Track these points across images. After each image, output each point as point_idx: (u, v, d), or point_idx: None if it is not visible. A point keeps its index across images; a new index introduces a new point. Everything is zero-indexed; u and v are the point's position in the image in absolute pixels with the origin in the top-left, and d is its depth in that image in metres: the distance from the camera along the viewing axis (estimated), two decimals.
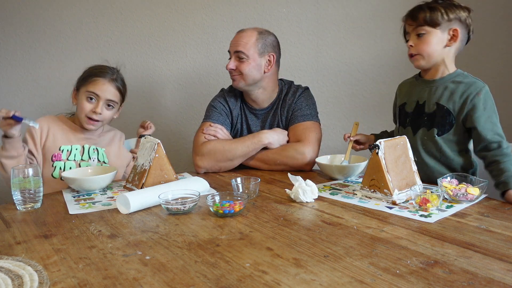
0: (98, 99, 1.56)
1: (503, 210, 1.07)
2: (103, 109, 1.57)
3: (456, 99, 1.32)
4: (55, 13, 2.20)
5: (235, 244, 0.90)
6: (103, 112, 1.57)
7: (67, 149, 1.58)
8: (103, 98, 1.56)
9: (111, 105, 1.60)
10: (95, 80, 1.56)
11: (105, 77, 1.57)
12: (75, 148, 1.59)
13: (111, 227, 1.03)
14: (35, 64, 2.24)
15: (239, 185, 1.26)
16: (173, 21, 2.27)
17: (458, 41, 1.34)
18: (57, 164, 1.55)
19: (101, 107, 1.56)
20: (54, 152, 1.56)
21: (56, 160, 1.56)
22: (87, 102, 1.56)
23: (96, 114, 1.56)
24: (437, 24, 1.31)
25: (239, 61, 1.63)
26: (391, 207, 1.12)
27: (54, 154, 1.56)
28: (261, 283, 0.73)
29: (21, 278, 0.76)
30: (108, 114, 1.60)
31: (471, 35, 1.38)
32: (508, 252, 0.82)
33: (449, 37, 1.33)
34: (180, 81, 2.31)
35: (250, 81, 1.64)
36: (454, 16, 1.32)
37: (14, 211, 1.18)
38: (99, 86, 1.56)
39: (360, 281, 0.72)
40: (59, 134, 1.59)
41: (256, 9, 2.29)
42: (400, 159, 1.21)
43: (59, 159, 1.56)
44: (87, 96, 1.56)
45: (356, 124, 1.59)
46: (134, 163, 1.42)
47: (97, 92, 1.55)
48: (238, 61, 1.64)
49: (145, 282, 0.75)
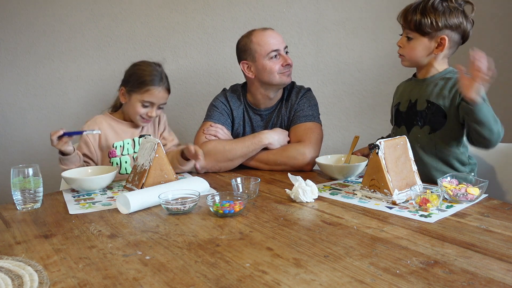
0: (153, 105, 1.64)
1: (503, 210, 1.07)
2: (157, 112, 1.67)
3: (446, 93, 1.34)
4: (55, 13, 2.20)
5: (235, 244, 0.90)
6: (157, 114, 1.68)
7: (120, 144, 1.67)
8: (157, 103, 1.65)
9: (163, 106, 1.69)
10: (149, 90, 1.61)
11: (159, 85, 1.63)
12: (126, 142, 1.68)
13: (111, 227, 1.03)
14: (35, 64, 2.24)
15: (239, 185, 1.26)
16: (173, 21, 2.27)
17: (446, 48, 1.35)
18: (113, 160, 1.65)
19: (155, 111, 1.65)
20: (109, 150, 1.66)
21: (112, 157, 1.66)
22: (142, 108, 1.64)
23: (151, 118, 1.66)
24: (425, 33, 1.33)
25: (287, 55, 1.67)
26: (391, 207, 1.12)
27: (110, 152, 1.66)
28: (261, 283, 0.73)
29: (21, 278, 0.76)
30: (160, 112, 1.70)
31: (469, 36, 1.38)
32: (508, 252, 0.82)
33: (435, 45, 1.35)
34: (180, 81, 2.31)
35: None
36: (445, 24, 1.32)
37: (14, 211, 1.18)
38: (155, 95, 1.62)
39: (360, 281, 0.72)
40: (109, 132, 1.67)
41: (256, 9, 2.29)
42: (400, 159, 1.21)
43: (114, 155, 1.66)
44: (143, 104, 1.63)
45: (356, 138, 1.60)
46: (134, 163, 1.43)
47: (153, 100, 1.63)
48: (287, 55, 1.67)
49: (145, 282, 0.75)
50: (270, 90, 1.69)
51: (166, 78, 1.67)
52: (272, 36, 1.65)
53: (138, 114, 1.64)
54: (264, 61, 1.64)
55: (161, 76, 1.64)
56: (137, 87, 1.62)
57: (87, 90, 2.29)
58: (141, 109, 1.63)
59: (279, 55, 1.65)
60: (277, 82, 1.66)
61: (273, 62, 1.64)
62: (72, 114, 2.29)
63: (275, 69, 1.64)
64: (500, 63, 1.52)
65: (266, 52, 1.63)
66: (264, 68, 1.64)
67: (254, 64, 1.66)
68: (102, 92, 2.30)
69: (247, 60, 1.68)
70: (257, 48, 1.64)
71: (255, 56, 1.65)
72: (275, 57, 1.64)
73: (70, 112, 2.30)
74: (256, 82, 1.69)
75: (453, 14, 1.33)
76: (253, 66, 1.67)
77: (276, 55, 1.64)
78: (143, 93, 1.61)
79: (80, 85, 2.28)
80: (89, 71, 2.27)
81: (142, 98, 1.62)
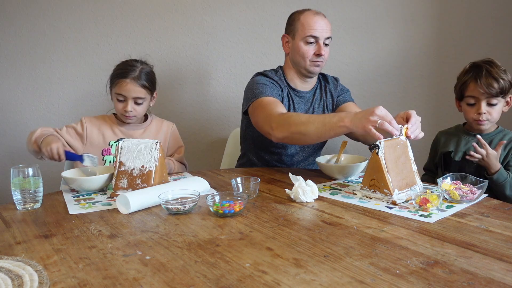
0: (126, 99, 1.66)
1: (503, 210, 1.08)
2: (133, 106, 1.67)
3: (500, 150, 1.47)
4: (55, 13, 2.20)
5: (235, 244, 0.90)
6: (133, 109, 1.67)
7: (116, 143, 1.70)
8: (130, 97, 1.66)
9: (140, 102, 1.68)
10: (119, 82, 1.65)
11: (128, 77, 1.65)
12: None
13: (111, 227, 1.03)
14: (35, 64, 2.24)
15: (239, 185, 1.26)
16: (173, 21, 2.27)
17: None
18: (107, 158, 1.69)
19: (130, 105, 1.66)
20: (104, 147, 1.70)
21: (106, 154, 1.69)
22: (118, 102, 1.68)
23: (128, 112, 1.66)
24: (506, 94, 1.50)
25: (325, 47, 1.66)
26: (391, 207, 1.12)
27: (104, 149, 1.70)
28: (261, 283, 0.73)
29: (21, 278, 0.76)
30: (139, 108, 1.69)
31: None
32: (508, 252, 0.82)
33: (505, 103, 1.53)
34: (180, 81, 2.31)
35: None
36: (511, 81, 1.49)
37: (14, 211, 1.18)
38: (123, 87, 1.65)
39: (360, 281, 0.72)
40: (107, 131, 1.72)
41: (256, 9, 2.29)
42: (400, 159, 1.21)
43: (109, 153, 1.70)
44: (117, 98, 1.67)
45: (344, 143, 1.62)
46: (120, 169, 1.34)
47: (123, 93, 1.65)
48: (325, 47, 1.66)
49: (145, 282, 0.75)
50: (298, 73, 1.72)
51: (143, 74, 1.67)
52: (317, 22, 1.64)
53: (117, 110, 1.69)
54: (300, 43, 1.65)
55: (132, 69, 1.66)
56: (112, 82, 1.69)
57: (87, 90, 2.29)
58: (117, 104, 1.68)
59: (316, 42, 1.65)
60: (305, 67, 1.67)
61: (308, 47, 1.65)
62: (72, 114, 2.30)
63: (307, 55, 1.65)
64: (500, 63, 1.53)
65: (305, 34, 1.63)
66: (298, 50, 1.66)
67: (292, 41, 1.69)
68: (101, 92, 2.30)
69: (289, 35, 1.71)
70: (300, 27, 1.65)
71: (295, 34, 1.67)
72: (310, 43, 1.64)
73: (69, 112, 2.30)
74: (288, 59, 1.74)
75: (507, 72, 1.50)
76: (290, 42, 1.70)
77: (313, 41, 1.64)
78: (115, 86, 1.67)
79: (80, 85, 2.28)
80: (88, 71, 2.27)
81: (115, 92, 1.67)
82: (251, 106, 1.61)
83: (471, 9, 2.31)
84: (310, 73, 1.69)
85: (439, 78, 2.37)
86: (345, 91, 1.84)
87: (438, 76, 2.37)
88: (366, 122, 1.20)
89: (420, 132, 1.24)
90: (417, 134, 1.23)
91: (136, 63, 1.70)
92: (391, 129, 1.17)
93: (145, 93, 1.68)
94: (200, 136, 2.36)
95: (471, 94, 1.51)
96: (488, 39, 2.33)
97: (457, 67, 1.66)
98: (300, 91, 1.75)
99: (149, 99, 1.73)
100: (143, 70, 1.68)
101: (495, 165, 1.44)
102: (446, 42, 2.35)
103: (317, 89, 1.80)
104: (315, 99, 1.78)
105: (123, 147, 1.36)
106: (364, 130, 1.20)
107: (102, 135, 1.71)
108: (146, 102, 1.71)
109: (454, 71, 1.66)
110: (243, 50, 2.32)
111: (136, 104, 1.67)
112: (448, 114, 2.30)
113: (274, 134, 1.45)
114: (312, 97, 1.78)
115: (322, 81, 1.82)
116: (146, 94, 1.69)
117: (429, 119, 2.32)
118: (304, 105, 1.76)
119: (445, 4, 2.32)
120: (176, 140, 1.84)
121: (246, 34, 2.31)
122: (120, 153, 1.35)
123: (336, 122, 1.30)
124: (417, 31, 2.32)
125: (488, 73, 1.47)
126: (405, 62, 2.35)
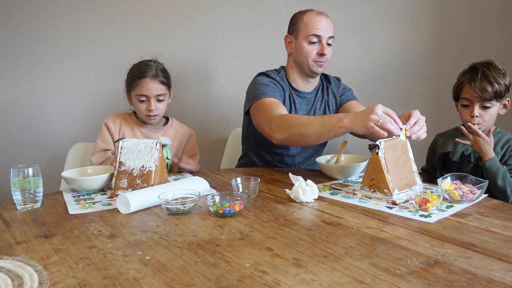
0: (149, 98, 1.69)
1: (503, 210, 1.07)
2: (156, 105, 1.70)
3: (498, 150, 1.49)
4: (55, 13, 2.20)
5: (235, 244, 0.90)
6: (157, 107, 1.70)
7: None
8: (152, 96, 1.69)
9: (162, 98, 1.71)
10: (139, 83, 1.68)
11: (147, 76, 1.68)
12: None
13: (111, 227, 1.03)
14: (35, 64, 2.24)
15: (239, 185, 1.26)
16: (173, 21, 2.27)
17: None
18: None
19: (153, 104, 1.69)
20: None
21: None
22: (140, 103, 1.70)
23: (152, 111, 1.69)
24: (502, 98, 1.49)
25: (328, 46, 1.66)
26: (391, 207, 1.12)
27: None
28: (261, 283, 0.73)
29: (21, 278, 0.76)
30: (161, 106, 1.72)
31: None
32: (508, 252, 0.82)
33: (501, 107, 1.53)
34: (180, 81, 2.31)
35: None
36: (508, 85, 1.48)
37: (14, 211, 1.18)
38: (144, 87, 1.68)
39: (360, 281, 0.72)
40: (127, 132, 1.75)
41: (256, 9, 2.29)
42: (400, 159, 1.21)
43: None
44: (139, 99, 1.70)
45: (344, 143, 1.62)
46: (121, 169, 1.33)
47: (145, 93, 1.68)
48: (328, 46, 1.66)
49: (145, 282, 0.75)
50: (301, 73, 1.72)
51: (157, 70, 1.71)
52: (320, 21, 1.64)
53: (141, 112, 1.71)
54: (303, 43, 1.65)
55: (149, 68, 1.69)
56: (131, 84, 1.71)
57: (87, 90, 2.29)
58: (140, 105, 1.70)
59: (319, 42, 1.65)
60: (308, 67, 1.67)
61: (311, 47, 1.65)
62: (72, 114, 2.30)
63: (310, 55, 1.65)
64: (500, 63, 1.53)
65: (308, 34, 1.63)
66: (301, 49, 1.66)
67: (295, 41, 1.69)
68: (101, 92, 2.30)
69: (292, 35, 1.71)
70: (303, 27, 1.65)
71: (298, 34, 1.67)
72: (314, 42, 1.64)
73: (69, 112, 2.30)
74: (291, 59, 1.74)
75: (506, 76, 1.48)
76: (293, 43, 1.70)
77: (316, 41, 1.64)
78: (135, 88, 1.69)
79: (80, 85, 2.28)
80: (88, 71, 2.27)
81: (136, 93, 1.69)
82: (252, 106, 1.62)
83: (471, 9, 2.31)
84: (313, 73, 1.69)
85: (439, 78, 2.37)
86: (348, 90, 1.84)
87: (438, 76, 2.37)
88: (367, 121, 1.20)
89: (423, 133, 1.23)
90: (420, 134, 1.22)
91: (150, 62, 1.74)
92: (392, 128, 1.17)
93: (165, 89, 1.72)
94: (200, 136, 2.36)
95: (465, 96, 1.52)
96: (488, 39, 2.33)
97: (457, 67, 1.66)
98: (302, 92, 1.75)
99: (168, 95, 1.77)
100: (158, 67, 1.73)
101: (488, 152, 1.44)
102: (446, 42, 2.35)
103: (319, 90, 1.80)
104: (317, 100, 1.78)
105: (123, 147, 1.36)
106: (366, 129, 1.20)
107: (123, 135, 1.74)
108: (166, 99, 1.75)
109: (454, 71, 1.66)
110: (243, 50, 2.32)
111: (158, 102, 1.70)
112: (448, 114, 2.30)
113: (274, 136, 1.45)
114: (314, 98, 1.78)
115: (324, 82, 1.82)
116: (165, 90, 1.73)
117: (429, 119, 2.31)
118: (306, 105, 1.76)
119: (445, 4, 2.32)
120: (192, 147, 1.87)
121: (246, 34, 2.31)
122: (120, 153, 1.35)
123: (335, 122, 1.30)
124: (417, 31, 2.32)
125: (483, 76, 1.46)
126: (405, 62, 2.35)
